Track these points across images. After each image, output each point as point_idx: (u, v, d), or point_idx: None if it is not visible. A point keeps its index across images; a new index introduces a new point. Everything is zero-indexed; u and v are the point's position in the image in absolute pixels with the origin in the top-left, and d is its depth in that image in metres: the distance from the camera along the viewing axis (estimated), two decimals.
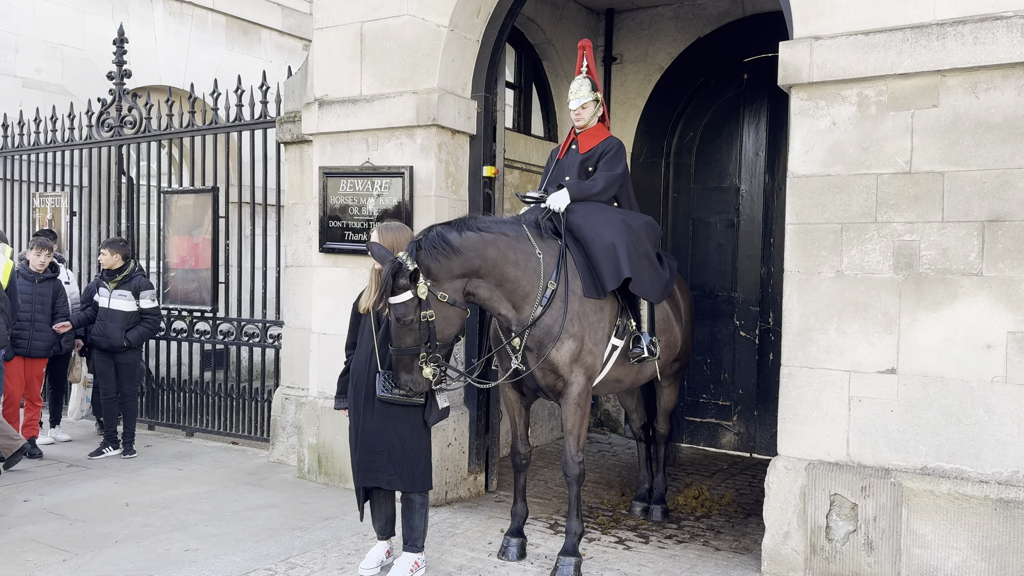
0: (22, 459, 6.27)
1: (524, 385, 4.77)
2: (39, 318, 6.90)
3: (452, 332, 4.28)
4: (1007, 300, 4.01)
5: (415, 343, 4.13)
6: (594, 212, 4.82)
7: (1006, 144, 4.01)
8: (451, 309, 4.23)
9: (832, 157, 4.39)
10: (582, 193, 4.89)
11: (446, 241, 4.23)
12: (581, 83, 5.07)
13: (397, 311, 4.10)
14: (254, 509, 5.62)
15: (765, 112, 7.33)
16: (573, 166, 5.06)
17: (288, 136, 6.86)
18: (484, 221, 4.52)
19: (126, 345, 6.89)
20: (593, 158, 5.03)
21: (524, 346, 4.52)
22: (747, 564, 4.75)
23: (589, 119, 5.08)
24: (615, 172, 4.98)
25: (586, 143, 5.08)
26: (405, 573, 4.37)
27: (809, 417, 4.47)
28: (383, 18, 5.90)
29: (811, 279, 4.46)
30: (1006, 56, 3.95)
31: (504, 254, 4.41)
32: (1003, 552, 3.99)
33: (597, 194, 4.93)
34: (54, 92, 10.16)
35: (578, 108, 5.05)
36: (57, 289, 7.08)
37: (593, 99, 5.06)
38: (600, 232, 4.65)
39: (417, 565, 4.43)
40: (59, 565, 4.60)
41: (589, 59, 5.16)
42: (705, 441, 7.69)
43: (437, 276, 4.19)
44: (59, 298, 7.06)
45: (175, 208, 7.90)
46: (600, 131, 5.12)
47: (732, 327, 7.48)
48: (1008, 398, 4.01)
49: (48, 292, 6.99)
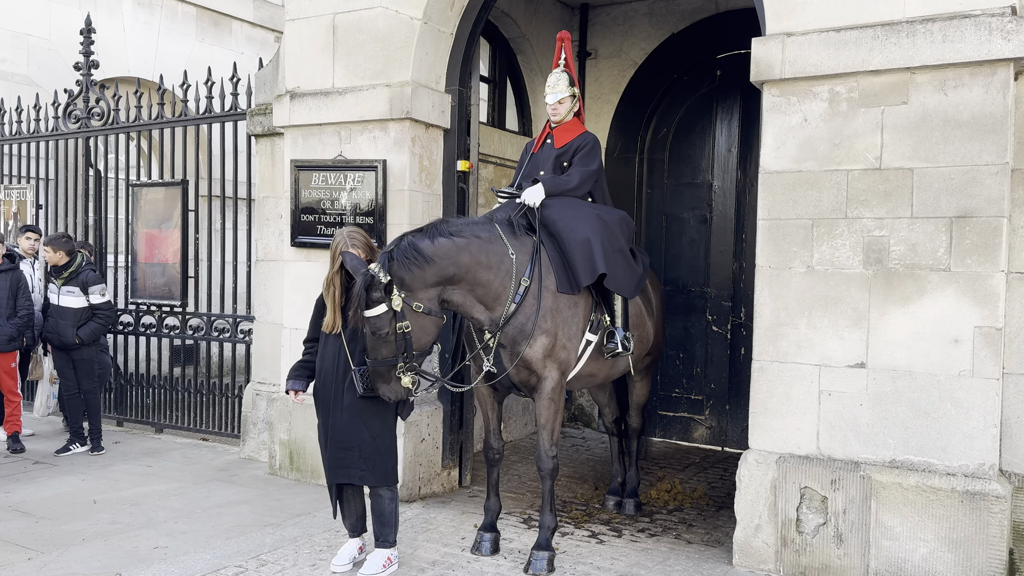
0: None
1: (496, 381, 4.76)
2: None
3: (428, 341, 4.26)
4: (974, 295, 4.07)
5: (392, 354, 4.11)
6: (568, 207, 4.81)
7: (974, 141, 4.06)
8: (427, 318, 4.20)
9: (803, 153, 4.43)
10: (557, 188, 4.88)
11: (418, 251, 4.18)
12: (559, 77, 5.05)
13: (372, 324, 4.06)
14: (225, 506, 5.57)
15: (738, 108, 7.37)
16: (548, 161, 5.04)
17: (259, 128, 6.78)
18: (456, 225, 4.48)
19: (78, 342, 6.78)
20: (568, 153, 5.02)
21: (498, 344, 4.51)
22: (719, 557, 4.78)
23: (565, 114, 5.07)
24: (590, 168, 4.98)
25: (562, 138, 5.06)
26: (378, 568, 4.35)
27: (780, 411, 4.51)
28: (356, 10, 5.84)
29: (782, 274, 4.49)
30: (974, 54, 4.00)
31: (477, 259, 4.38)
32: (969, 544, 4.06)
33: (572, 189, 4.92)
34: (19, 83, 9.95)
35: (555, 103, 5.04)
36: (16, 281, 6.93)
37: (570, 94, 5.05)
38: (575, 228, 4.65)
39: (390, 561, 4.41)
40: (24, 564, 4.52)
41: (567, 52, 5.13)
42: (677, 435, 7.73)
43: (411, 286, 4.15)
44: (20, 291, 6.91)
45: (144, 201, 7.78)
46: (575, 126, 5.11)
47: (704, 322, 7.53)
48: (975, 392, 4.08)
49: (4, 286, 6.83)
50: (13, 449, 6.86)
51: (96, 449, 6.92)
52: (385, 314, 4.05)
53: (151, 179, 9.26)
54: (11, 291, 6.86)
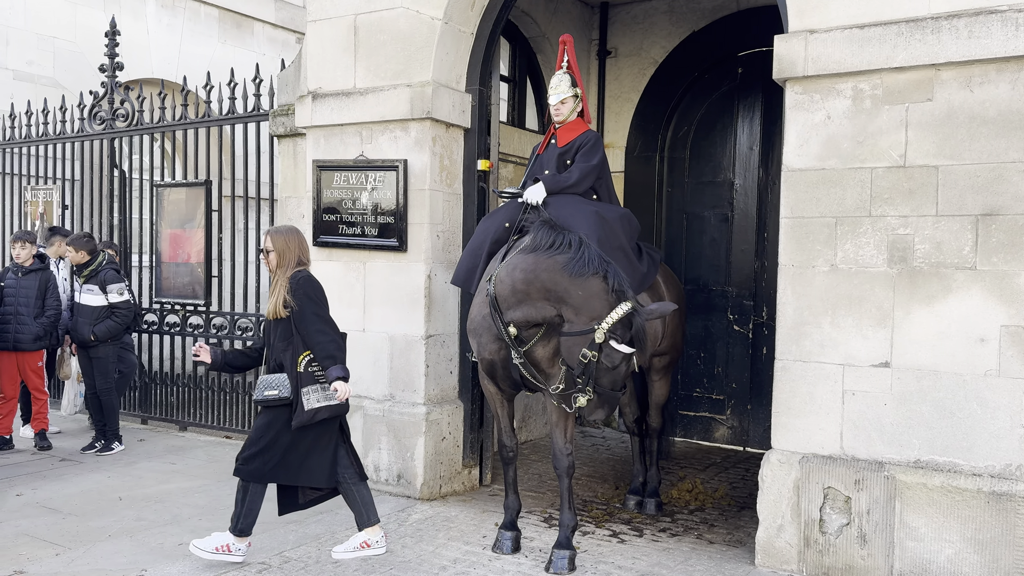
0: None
1: (500, 377, 4.77)
2: (23, 311, 6.87)
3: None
4: (1000, 294, 4.03)
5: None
6: (567, 205, 4.84)
7: (1000, 138, 4.01)
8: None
9: (827, 151, 4.40)
10: (557, 186, 4.91)
11: None
12: (561, 78, 5.12)
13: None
14: None
15: (759, 106, 7.33)
16: (552, 160, 5.09)
17: (281, 129, 6.83)
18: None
19: (92, 339, 6.85)
20: (571, 151, 5.07)
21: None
22: (741, 557, 4.76)
23: (568, 114, 5.13)
24: (591, 163, 5.00)
25: (565, 137, 5.11)
26: (353, 546, 4.51)
27: (803, 411, 4.48)
28: (377, 10, 5.87)
29: (805, 273, 4.46)
30: (1000, 50, 3.95)
31: None
32: (996, 545, 4.01)
33: (572, 186, 4.95)
34: (46, 85, 10.10)
35: (557, 104, 5.10)
36: (45, 281, 7.03)
37: (573, 95, 5.10)
38: (571, 225, 4.64)
39: (367, 544, 4.51)
40: (52, 559, 4.59)
41: (570, 54, 5.19)
42: (699, 435, 7.70)
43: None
44: (49, 291, 7.02)
45: (167, 202, 7.87)
46: (579, 125, 5.15)
47: (726, 321, 7.49)
48: (1001, 391, 4.03)
49: (32, 285, 6.94)
50: (40, 447, 6.97)
51: (105, 449, 6.94)
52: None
53: (175, 180, 9.34)
54: (40, 291, 6.97)
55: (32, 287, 6.94)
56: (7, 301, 6.85)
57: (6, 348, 6.86)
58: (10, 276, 6.93)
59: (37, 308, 6.95)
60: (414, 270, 5.76)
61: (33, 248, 7.05)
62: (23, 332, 6.88)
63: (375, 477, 5.85)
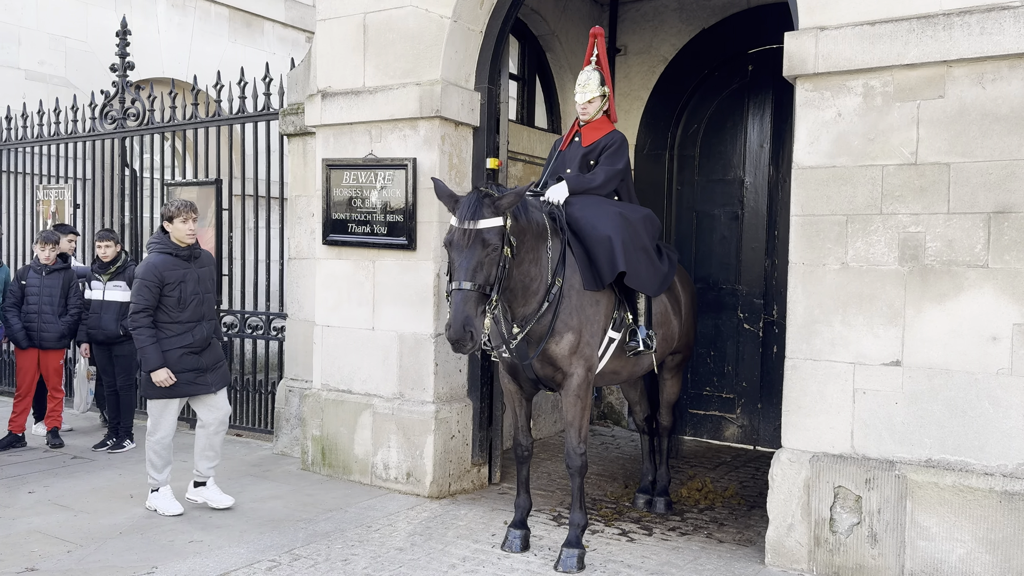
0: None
1: (522, 377, 4.76)
2: (46, 310, 6.94)
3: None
4: (1013, 292, 4.00)
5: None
6: (591, 205, 4.80)
7: (1012, 135, 3.99)
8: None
9: (837, 148, 4.37)
10: (581, 187, 4.87)
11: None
12: (589, 76, 5.03)
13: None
14: (258, 501, 5.63)
15: (769, 104, 7.30)
16: (575, 159, 5.03)
17: (291, 128, 6.84)
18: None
19: (123, 334, 6.89)
20: (595, 151, 5.01)
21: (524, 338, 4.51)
22: (751, 556, 4.74)
23: (595, 113, 5.07)
24: (616, 167, 4.96)
25: (589, 136, 5.05)
26: None
27: (813, 409, 4.46)
28: (386, 9, 5.87)
29: (816, 271, 4.44)
30: (1013, 47, 3.92)
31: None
32: (1008, 544, 3.98)
33: (596, 188, 4.91)
34: (57, 84, 10.16)
35: (584, 103, 5.02)
36: (68, 280, 7.08)
37: (600, 94, 5.03)
38: (596, 225, 4.63)
39: None
40: (64, 556, 4.61)
41: (600, 49, 5.10)
42: (708, 434, 7.68)
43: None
44: (72, 290, 7.07)
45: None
46: (604, 124, 5.09)
47: (736, 320, 7.47)
48: (1014, 390, 4.00)
49: (56, 284, 7.00)
50: (52, 444, 7.02)
51: (118, 447, 6.97)
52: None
53: (185, 178, 9.39)
54: (63, 290, 7.02)
55: (56, 286, 6.99)
56: (30, 300, 6.92)
57: (31, 346, 6.93)
58: (32, 275, 6.98)
59: (61, 307, 7.01)
60: (423, 268, 5.77)
61: (57, 248, 7.11)
62: (47, 331, 6.93)
63: (384, 475, 5.86)
